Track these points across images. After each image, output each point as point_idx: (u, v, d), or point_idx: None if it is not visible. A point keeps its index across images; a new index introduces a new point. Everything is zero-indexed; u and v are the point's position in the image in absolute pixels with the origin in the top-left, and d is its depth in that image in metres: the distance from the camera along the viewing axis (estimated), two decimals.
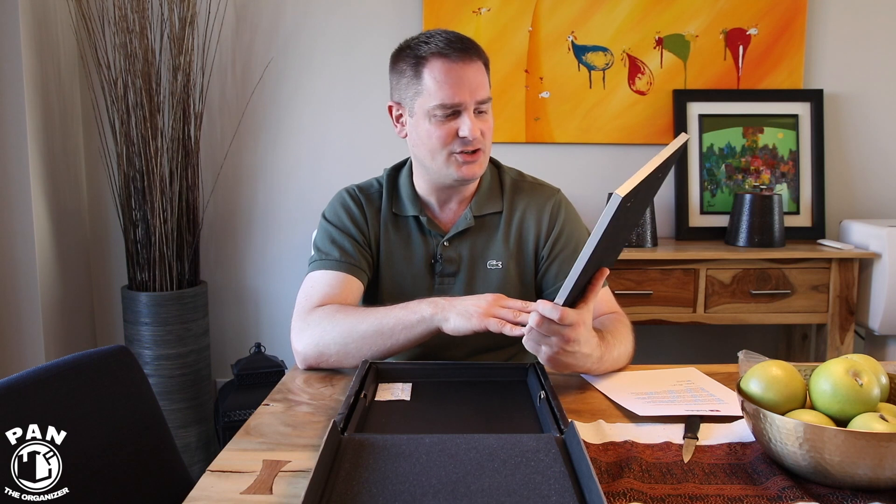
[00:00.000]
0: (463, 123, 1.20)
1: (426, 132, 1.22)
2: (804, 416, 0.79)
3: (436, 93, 1.19)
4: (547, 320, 0.97)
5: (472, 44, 1.23)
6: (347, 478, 0.72)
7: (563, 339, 0.99)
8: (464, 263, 1.31)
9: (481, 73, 1.22)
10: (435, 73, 1.19)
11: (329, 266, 1.25)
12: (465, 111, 1.20)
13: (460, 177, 1.23)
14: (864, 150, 2.43)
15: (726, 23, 2.37)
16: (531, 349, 1.02)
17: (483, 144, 1.23)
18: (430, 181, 1.30)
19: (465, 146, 1.21)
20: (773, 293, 2.12)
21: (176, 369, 2.19)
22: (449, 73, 1.18)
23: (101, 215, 2.45)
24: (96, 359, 0.97)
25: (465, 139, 1.20)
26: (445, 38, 1.20)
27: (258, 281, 2.50)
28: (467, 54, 1.20)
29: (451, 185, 1.28)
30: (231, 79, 2.41)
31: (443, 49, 1.19)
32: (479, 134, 1.21)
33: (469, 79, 1.19)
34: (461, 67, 1.19)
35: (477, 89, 1.20)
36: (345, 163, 2.43)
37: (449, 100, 1.18)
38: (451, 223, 1.32)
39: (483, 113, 1.23)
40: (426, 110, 1.21)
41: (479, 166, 1.24)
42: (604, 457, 0.83)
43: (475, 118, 1.21)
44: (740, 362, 1.08)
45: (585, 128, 2.41)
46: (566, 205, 1.36)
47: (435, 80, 1.19)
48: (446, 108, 1.19)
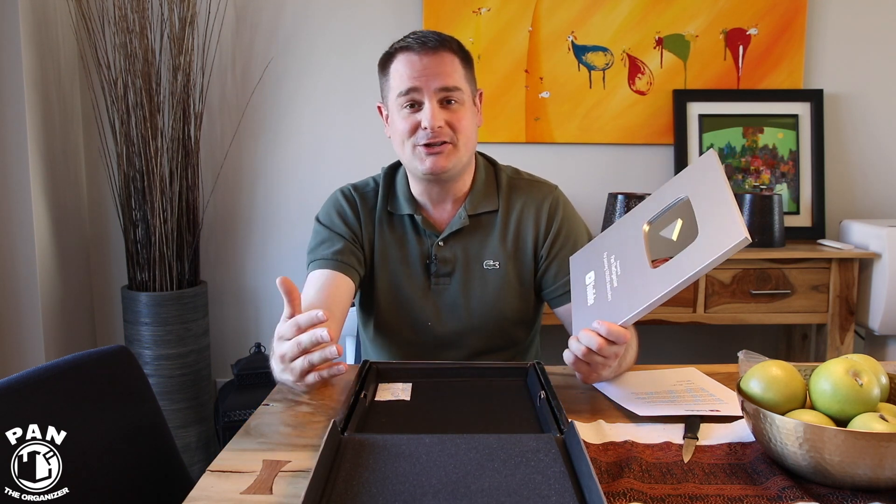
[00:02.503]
0: (423, 113, 1.19)
1: (396, 125, 1.23)
2: (804, 416, 0.79)
3: (397, 82, 1.20)
4: (609, 343, 0.95)
5: (444, 38, 1.22)
6: (347, 478, 0.72)
7: (612, 357, 0.98)
8: (459, 264, 1.29)
9: (449, 63, 1.21)
10: (398, 64, 1.21)
11: (319, 266, 1.25)
12: (427, 100, 1.19)
13: (425, 170, 1.22)
14: (864, 150, 2.43)
15: (726, 23, 2.37)
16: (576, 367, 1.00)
17: (451, 137, 1.21)
18: (415, 179, 1.29)
19: (427, 138, 1.19)
20: (773, 293, 2.12)
21: (176, 369, 2.19)
22: (409, 63, 1.20)
23: (101, 215, 2.45)
24: (96, 359, 0.97)
25: (426, 130, 1.19)
26: (416, 36, 1.21)
27: (258, 281, 2.50)
28: (431, 46, 1.20)
29: (427, 180, 1.26)
30: (231, 79, 2.41)
31: (409, 44, 1.21)
32: (445, 125, 1.19)
33: (430, 67, 1.19)
34: (423, 57, 1.19)
35: (438, 76, 1.19)
36: (344, 163, 2.43)
37: (405, 86, 1.19)
38: (445, 223, 1.31)
39: (454, 103, 1.21)
40: (393, 102, 1.22)
41: (446, 159, 1.21)
42: (604, 457, 0.83)
43: (440, 109, 1.19)
44: (740, 362, 1.08)
45: (585, 128, 2.41)
46: (564, 202, 1.34)
47: (397, 70, 1.21)
48: (403, 94, 1.19)
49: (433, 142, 1.20)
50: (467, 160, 1.27)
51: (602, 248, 1.10)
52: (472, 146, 1.26)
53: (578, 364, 0.99)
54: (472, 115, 1.24)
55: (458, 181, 1.29)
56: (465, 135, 1.22)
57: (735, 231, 0.85)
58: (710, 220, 0.91)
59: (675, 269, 0.91)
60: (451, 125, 1.20)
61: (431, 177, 1.23)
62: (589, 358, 0.97)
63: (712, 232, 0.89)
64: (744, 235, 0.84)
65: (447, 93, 1.20)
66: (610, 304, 0.98)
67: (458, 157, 1.23)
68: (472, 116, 1.25)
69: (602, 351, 0.95)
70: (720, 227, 0.88)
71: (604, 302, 1.00)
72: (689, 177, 1.03)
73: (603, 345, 0.94)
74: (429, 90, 1.19)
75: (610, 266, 1.04)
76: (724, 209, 0.90)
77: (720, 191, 0.93)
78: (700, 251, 0.89)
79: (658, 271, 0.94)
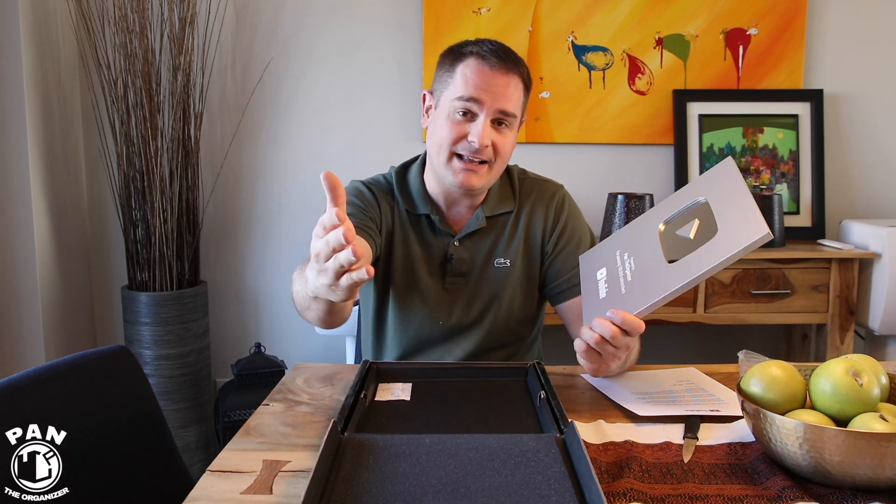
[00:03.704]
0: (475, 126, 1.19)
1: (440, 126, 1.22)
2: (804, 416, 0.79)
3: (461, 87, 1.19)
4: (622, 332, 0.94)
5: (517, 59, 1.22)
6: (347, 478, 0.72)
7: (623, 349, 0.98)
8: (475, 264, 1.30)
9: (514, 87, 1.21)
10: (467, 70, 1.20)
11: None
12: (482, 114, 1.19)
13: (456, 182, 1.22)
14: (864, 150, 2.43)
15: (726, 23, 2.37)
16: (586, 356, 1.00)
17: (492, 158, 1.21)
18: (437, 181, 1.29)
19: (470, 151, 1.19)
20: (773, 293, 2.12)
21: (176, 369, 2.19)
22: (479, 73, 1.19)
23: (101, 215, 2.45)
24: (96, 359, 0.97)
25: (472, 143, 1.18)
26: (491, 46, 1.21)
27: (258, 281, 2.50)
28: (505, 64, 1.19)
29: (451, 190, 1.27)
30: (231, 79, 2.41)
31: (483, 52, 1.20)
32: (490, 145, 1.19)
33: (499, 86, 1.19)
34: (494, 73, 1.19)
35: (501, 97, 1.19)
36: (345, 163, 2.43)
37: (468, 94, 1.18)
38: (461, 223, 1.32)
39: (504, 127, 1.21)
40: (448, 103, 1.21)
41: (479, 178, 1.22)
42: (604, 457, 0.83)
43: (491, 128, 1.19)
44: (740, 362, 1.08)
45: (585, 128, 2.41)
46: (569, 200, 1.36)
47: (464, 75, 1.20)
48: (464, 101, 1.18)
49: (474, 158, 1.20)
50: (495, 181, 1.28)
51: (615, 246, 1.10)
52: (503, 168, 1.27)
53: (589, 353, 0.99)
54: (514, 141, 1.26)
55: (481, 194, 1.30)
56: (503, 159, 1.24)
57: (757, 227, 0.86)
58: (729, 218, 0.92)
59: (695, 263, 0.91)
60: (495, 147, 1.21)
61: (460, 190, 1.24)
62: (601, 347, 0.97)
63: (733, 228, 0.90)
64: (766, 231, 0.85)
65: (503, 116, 1.20)
66: (624, 296, 0.98)
67: (489, 179, 1.24)
68: (514, 141, 1.26)
69: (615, 340, 0.94)
70: (741, 223, 0.89)
71: (617, 295, 0.99)
72: (707, 182, 1.04)
73: (617, 334, 0.94)
74: (489, 107, 1.19)
75: (623, 262, 1.04)
76: (744, 208, 0.91)
77: (740, 193, 0.94)
78: (720, 246, 0.90)
79: (676, 265, 0.94)
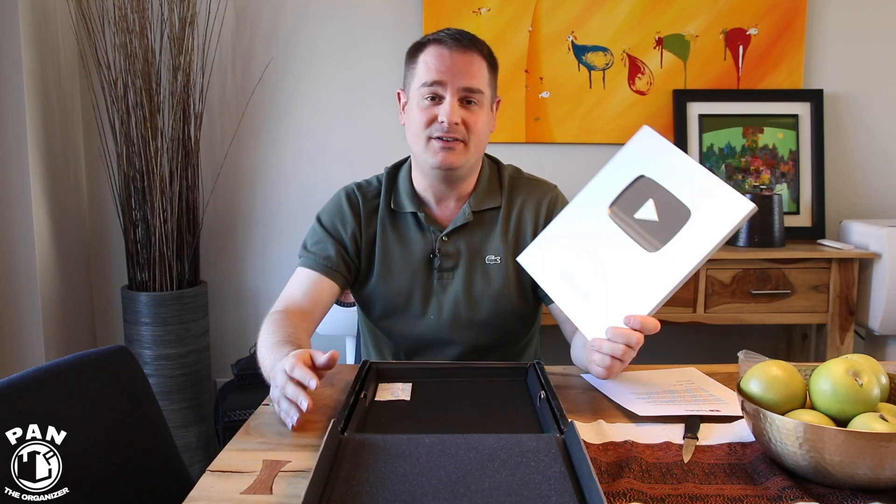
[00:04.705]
0: (442, 107, 1.21)
1: (413, 115, 1.25)
2: (804, 416, 0.79)
3: (424, 73, 1.22)
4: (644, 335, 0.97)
5: (475, 39, 1.25)
6: (347, 478, 0.72)
7: (635, 351, 1.00)
8: (462, 258, 1.31)
9: (476, 64, 1.23)
10: (428, 56, 1.23)
11: (309, 264, 1.29)
12: (448, 95, 1.21)
13: (436, 163, 1.24)
14: (864, 150, 2.43)
15: (726, 23, 2.37)
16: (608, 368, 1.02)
17: (465, 136, 1.23)
18: (422, 173, 1.31)
19: (442, 132, 1.21)
20: (773, 293, 2.12)
21: (176, 369, 2.19)
22: (438, 57, 1.22)
23: (101, 215, 2.45)
24: (96, 359, 0.98)
25: (442, 124, 1.21)
26: (449, 32, 1.24)
27: (258, 281, 2.50)
28: (461, 44, 1.23)
29: (434, 176, 1.28)
30: (231, 79, 2.41)
31: (440, 37, 1.24)
32: (461, 123, 1.22)
33: (458, 65, 1.22)
34: (452, 54, 1.22)
35: (464, 75, 1.21)
36: (345, 163, 2.43)
37: (431, 78, 1.21)
38: (448, 219, 1.33)
39: (473, 104, 1.23)
40: (416, 91, 1.24)
41: (457, 156, 1.24)
42: (604, 457, 0.83)
43: (459, 106, 1.22)
44: (740, 362, 1.08)
45: (585, 128, 2.41)
46: (563, 201, 1.36)
47: (425, 62, 1.23)
48: (428, 86, 1.21)
49: (447, 136, 1.22)
50: (475, 161, 1.30)
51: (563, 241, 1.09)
52: (482, 148, 1.29)
53: (613, 364, 1.01)
54: (487, 119, 1.27)
55: (463, 181, 1.31)
56: (478, 137, 1.25)
57: (739, 203, 0.87)
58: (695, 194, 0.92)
59: (688, 250, 0.91)
60: (467, 125, 1.23)
61: (439, 171, 1.26)
62: (626, 356, 0.99)
63: (714, 207, 0.90)
64: (751, 206, 0.87)
65: (469, 93, 1.23)
66: (619, 294, 0.97)
67: (467, 157, 1.25)
68: (488, 120, 1.27)
69: (638, 345, 0.97)
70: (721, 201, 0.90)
71: (608, 293, 0.99)
72: (634, 155, 1.03)
73: (641, 340, 0.97)
74: (452, 87, 1.21)
75: (588, 254, 1.03)
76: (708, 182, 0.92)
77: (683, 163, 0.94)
78: (708, 228, 0.90)
79: (665, 254, 0.93)
